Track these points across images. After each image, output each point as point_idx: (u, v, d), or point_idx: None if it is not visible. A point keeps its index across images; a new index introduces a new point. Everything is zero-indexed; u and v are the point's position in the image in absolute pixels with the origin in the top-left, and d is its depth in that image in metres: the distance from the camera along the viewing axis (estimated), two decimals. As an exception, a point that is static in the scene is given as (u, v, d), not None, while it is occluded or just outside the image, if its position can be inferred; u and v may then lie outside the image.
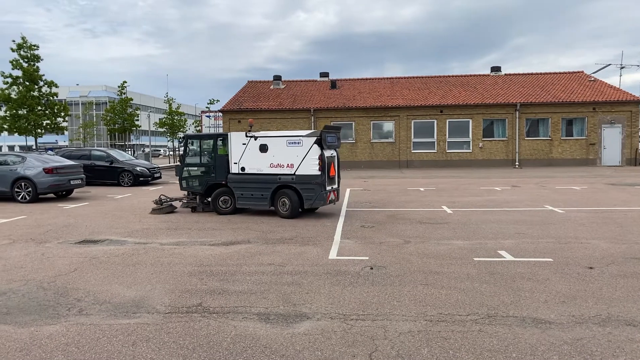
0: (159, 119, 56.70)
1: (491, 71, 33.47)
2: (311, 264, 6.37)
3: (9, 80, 30.54)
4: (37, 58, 31.22)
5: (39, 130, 32.10)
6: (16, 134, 32.86)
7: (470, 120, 28.60)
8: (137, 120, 48.16)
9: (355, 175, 22.91)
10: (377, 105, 28.96)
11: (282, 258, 6.73)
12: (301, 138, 10.05)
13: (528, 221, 9.48)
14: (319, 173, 9.93)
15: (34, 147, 35.24)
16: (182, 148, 12.05)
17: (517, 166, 27.67)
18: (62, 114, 33.34)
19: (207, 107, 47.72)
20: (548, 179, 19.26)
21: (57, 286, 5.53)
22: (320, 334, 4.05)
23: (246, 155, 10.51)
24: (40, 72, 31.49)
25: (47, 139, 59.22)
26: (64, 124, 35.31)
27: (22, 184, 13.66)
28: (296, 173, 10.08)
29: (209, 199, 11.28)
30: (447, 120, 28.72)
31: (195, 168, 11.29)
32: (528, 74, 32.74)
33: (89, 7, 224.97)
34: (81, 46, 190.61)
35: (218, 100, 52.25)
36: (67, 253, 7.25)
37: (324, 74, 34.52)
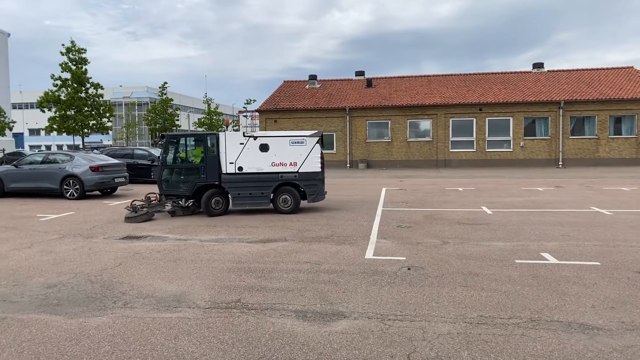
0: (198, 118, 57.97)
1: (533, 68, 32.37)
2: (347, 263, 6.36)
3: (59, 82, 32.08)
4: (85, 61, 32.62)
5: (86, 130, 33.55)
6: (64, 134, 34.48)
7: (511, 119, 27.78)
8: (177, 120, 49.60)
9: (391, 175, 22.72)
10: (413, 103, 28.58)
11: (319, 256, 6.75)
12: (305, 138, 10.56)
13: (573, 223, 9.12)
14: (320, 170, 10.60)
15: (80, 146, 36.84)
16: (162, 149, 10.95)
17: (560, 166, 26.68)
18: (107, 114, 34.73)
19: (244, 107, 48.55)
20: (594, 179, 18.46)
21: (104, 280, 5.77)
22: (358, 333, 4.04)
23: (244, 154, 10.46)
24: (87, 75, 32.91)
25: (93, 138, 61.75)
26: (109, 124, 36.75)
27: (71, 181, 14.29)
28: (299, 171, 10.53)
29: (191, 202, 10.75)
30: (487, 119, 28.01)
31: (180, 169, 10.79)
32: (572, 70, 31.46)
33: (131, 11, 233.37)
34: (124, 49, 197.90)
35: (255, 100, 53.01)
36: (112, 248, 7.54)
37: (360, 73, 34.34)
